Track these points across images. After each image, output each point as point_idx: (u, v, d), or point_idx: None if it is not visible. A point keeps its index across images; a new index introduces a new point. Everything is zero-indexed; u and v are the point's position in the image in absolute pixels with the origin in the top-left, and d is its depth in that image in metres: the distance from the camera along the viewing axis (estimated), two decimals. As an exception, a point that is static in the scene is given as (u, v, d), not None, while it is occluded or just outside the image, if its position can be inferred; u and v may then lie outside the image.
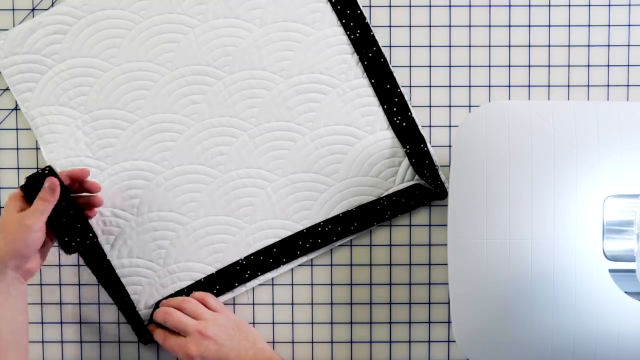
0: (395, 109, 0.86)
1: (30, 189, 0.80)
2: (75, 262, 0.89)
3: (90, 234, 0.82)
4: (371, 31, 0.86)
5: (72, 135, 0.87)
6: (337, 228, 0.87)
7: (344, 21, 0.87)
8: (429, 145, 0.86)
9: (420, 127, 0.86)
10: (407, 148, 0.86)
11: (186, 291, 0.87)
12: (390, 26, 0.88)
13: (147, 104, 0.87)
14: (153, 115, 0.87)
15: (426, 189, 0.87)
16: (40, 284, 0.89)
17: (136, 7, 0.87)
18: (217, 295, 0.87)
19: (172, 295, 0.88)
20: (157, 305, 0.87)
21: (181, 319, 0.83)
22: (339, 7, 0.86)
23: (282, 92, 0.87)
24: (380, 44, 0.87)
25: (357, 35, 0.86)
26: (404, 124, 0.86)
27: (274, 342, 0.89)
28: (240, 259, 0.87)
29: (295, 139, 0.87)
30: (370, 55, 0.86)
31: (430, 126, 0.88)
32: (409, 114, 0.86)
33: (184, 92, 0.87)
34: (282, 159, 0.87)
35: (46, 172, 0.80)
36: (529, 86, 0.88)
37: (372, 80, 0.87)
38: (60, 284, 0.90)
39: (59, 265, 0.89)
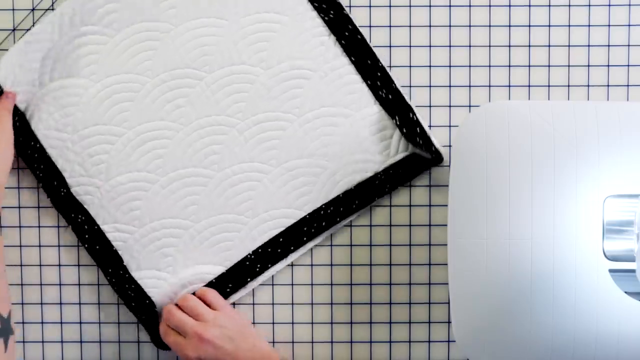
0: (379, 83, 0.86)
1: None
2: (75, 262, 0.89)
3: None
4: (344, 10, 0.86)
5: (63, 157, 0.87)
6: (340, 208, 0.87)
7: (316, 4, 0.86)
8: (417, 114, 0.86)
9: (406, 97, 0.86)
10: (397, 119, 0.86)
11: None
12: (390, 26, 0.88)
13: (132, 115, 0.87)
14: (140, 126, 0.87)
15: (422, 156, 0.86)
16: (41, 284, 0.90)
17: (107, 21, 0.86)
18: (231, 292, 0.87)
19: None
20: None
21: (181, 320, 0.83)
22: None
23: (264, 83, 0.87)
24: (358, 23, 0.86)
25: (331, 16, 0.86)
26: (390, 97, 0.86)
27: (274, 342, 0.89)
28: (249, 254, 0.87)
29: (284, 127, 0.87)
30: (346, 34, 0.86)
31: (430, 126, 0.88)
32: (393, 86, 0.86)
33: (167, 98, 0.87)
34: (275, 149, 0.87)
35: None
36: (529, 86, 0.88)
37: (352, 59, 0.86)
38: (60, 284, 0.90)
39: (59, 265, 0.89)
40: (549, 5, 0.88)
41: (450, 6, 0.88)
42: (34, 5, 0.88)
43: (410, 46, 0.88)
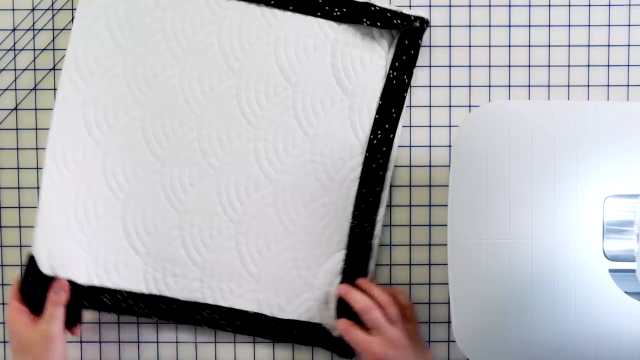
0: (327, 8, 0.86)
1: (30, 295, 0.82)
2: (75, 262, 0.89)
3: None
4: None
5: (146, 281, 0.87)
6: (385, 125, 0.86)
7: None
8: (377, 3, 0.86)
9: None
10: (365, 22, 0.86)
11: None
12: (390, 26, 0.88)
13: (182, 200, 0.87)
14: (189, 200, 0.87)
15: (409, 31, 0.86)
16: (40, 284, 0.90)
17: (85, 155, 0.86)
18: (364, 263, 0.86)
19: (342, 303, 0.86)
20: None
21: (379, 320, 0.82)
22: None
23: (249, 89, 0.87)
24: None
25: None
26: (345, 9, 0.86)
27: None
28: (351, 222, 0.87)
29: (292, 106, 0.87)
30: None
31: (430, 126, 0.88)
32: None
33: (187, 165, 0.87)
34: (300, 127, 0.87)
35: (45, 279, 0.82)
36: (529, 86, 0.88)
37: (291, 8, 0.87)
38: (60, 284, 0.90)
39: (59, 265, 0.90)
40: (549, 5, 0.88)
41: (450, 6, 0.88)
42: (34, 5, 0.88)
43: (410, 46, 0.88)
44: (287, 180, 0.87)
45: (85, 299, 0.85)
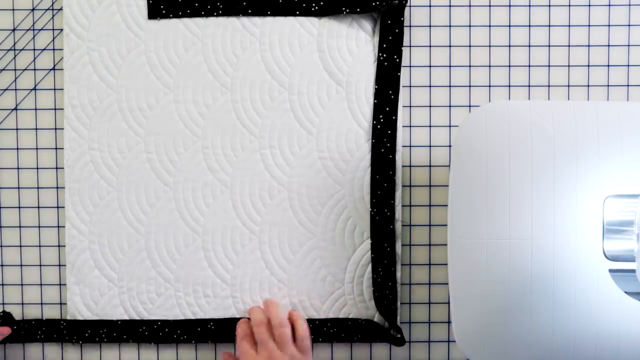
0: (304, 5, 0.87)
1: None
2: (75, 262, 0.89)
3: None
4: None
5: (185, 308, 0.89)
6: (392, 118, 0.87)
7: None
8: None
9: None
10: (344, 9, 0.86)
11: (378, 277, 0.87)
12: (390, 26, 0.88)
13: (201, 216, 0.88)
14: (213, 221, 0.88)
15: (390, 10, 0.86)
16: (41, 284, 0.90)
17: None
18: (388, 236, 0.87)
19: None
20: None
21: (263, 335, 0.83)
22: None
23: (247, 100, 0.87)
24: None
25: (221, 6, 0.87)
26: (322, 3, 0.86)
27: (274, 342, 0.89)
28: (371, 211, 0.87)
29: (293, 109, 0.87)
30: (242, 6, 0.87)
31: (430, 126, 0.88)
32: None
33: (197, 184, 0.88)
34: (304, 124, 0.88)
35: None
36: (529, 86, 0.88)
37: (268, 12, 0.87)
38: (59, 284, 0.90)
39: (59, 266, 0.90)
40: (549, 5, 0.88)
41: (450, 6, 0.88)
42: (34, 5, 0.88)
43: (410, 46, 0.88)
44: (300, 182, 0.88)
45: (124, 333, 0.88)
